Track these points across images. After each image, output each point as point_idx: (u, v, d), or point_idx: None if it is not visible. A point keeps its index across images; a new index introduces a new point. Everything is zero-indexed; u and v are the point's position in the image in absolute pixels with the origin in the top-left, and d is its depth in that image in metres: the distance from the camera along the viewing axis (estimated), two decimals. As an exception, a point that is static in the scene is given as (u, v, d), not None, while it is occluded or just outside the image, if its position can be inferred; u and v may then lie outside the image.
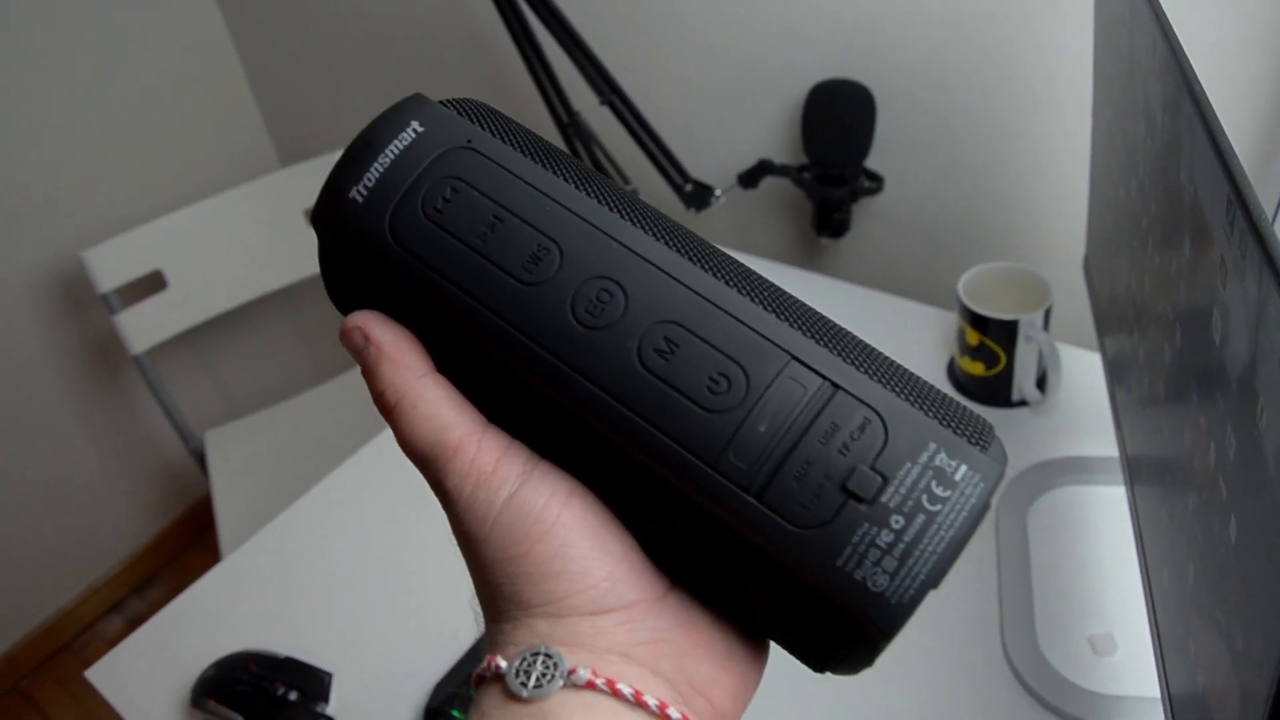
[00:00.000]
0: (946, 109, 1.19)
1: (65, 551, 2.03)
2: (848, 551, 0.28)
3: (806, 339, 0.30)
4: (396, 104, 0.34)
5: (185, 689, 0.88)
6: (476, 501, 0.30)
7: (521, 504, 0.30)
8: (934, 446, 0.29)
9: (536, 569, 0.30)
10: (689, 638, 0.31)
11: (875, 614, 0.28)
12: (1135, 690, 0.76)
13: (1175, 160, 0.55)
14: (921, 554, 0.28)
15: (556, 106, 1.26)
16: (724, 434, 0.29)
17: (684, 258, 0.31)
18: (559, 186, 0.32)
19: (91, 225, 1.81)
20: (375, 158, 0.33)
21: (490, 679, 0.30)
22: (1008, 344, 0.98)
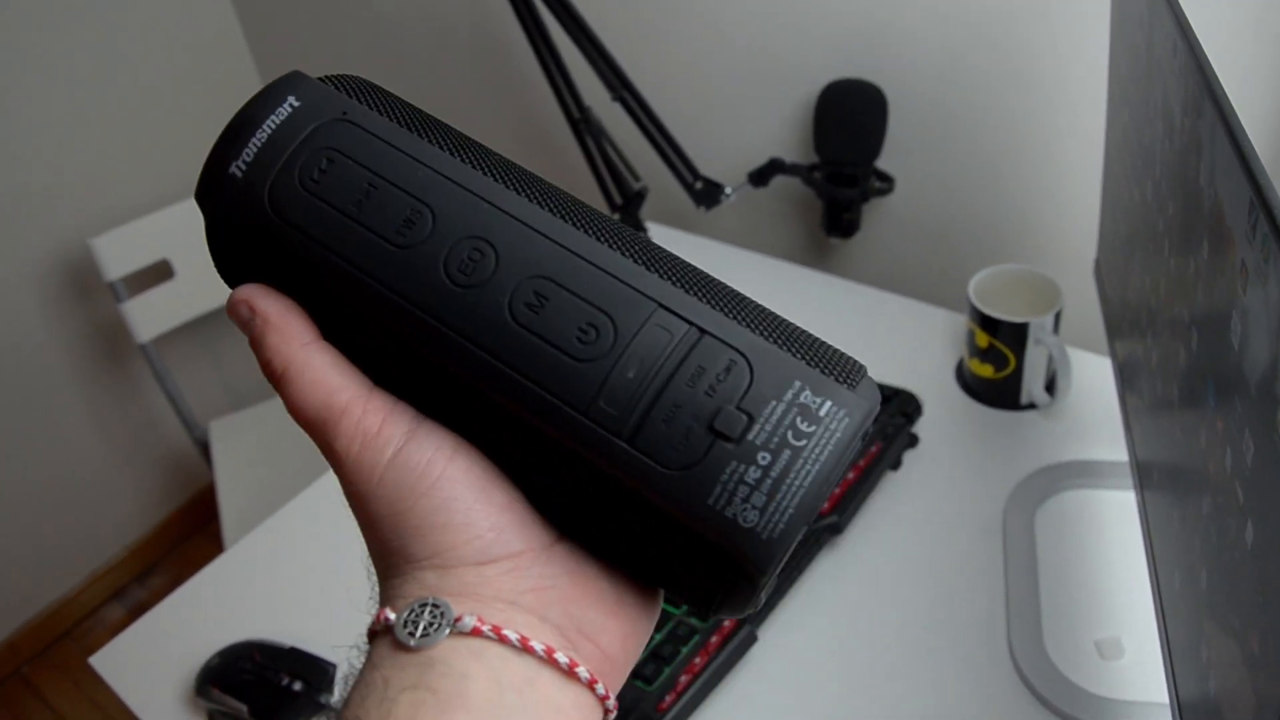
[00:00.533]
0: (958, 110, 1.19)
1: (68, 539, 2.04)
2: (717, 490, 0.28)
3: (675, 288, 0.31)
4: (274, 81, 0.35)
5: (189, 678, 0.88)
6: (363, 461, 0.31)
7: (406, 460, 0.31)
8: (799, 385, 0.29)
9: (423, 522, 0.31)
10: (576, 585, 0.32)
11: (749, 549, 0.28)
12: (1143, 695, 0.76)
13: (1195, 163, 0.55)
14: (789, 489, 0.28)
15: (568, 101, 1.26)
16: (594, 382, 0.29)
17: (556, 216, 0.32)
18: (433, 153, 0.33)
19: (100, 213, 1.81)
20: (253, 133, 0.33)
21: (381, 631, 0.30)
22: (1017, 347, 0.98)
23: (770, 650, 0.83)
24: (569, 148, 1.51)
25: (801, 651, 0.83)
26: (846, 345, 0.32)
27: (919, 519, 0.92)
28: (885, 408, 0.97)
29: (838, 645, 0.84)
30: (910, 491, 0.95)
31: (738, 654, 0.80)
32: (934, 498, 0.94)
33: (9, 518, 1.92)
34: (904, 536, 0.91)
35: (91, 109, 1.81)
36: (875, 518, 0.93)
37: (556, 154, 1.62)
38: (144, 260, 1.66)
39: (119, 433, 2.05)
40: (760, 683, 0.81)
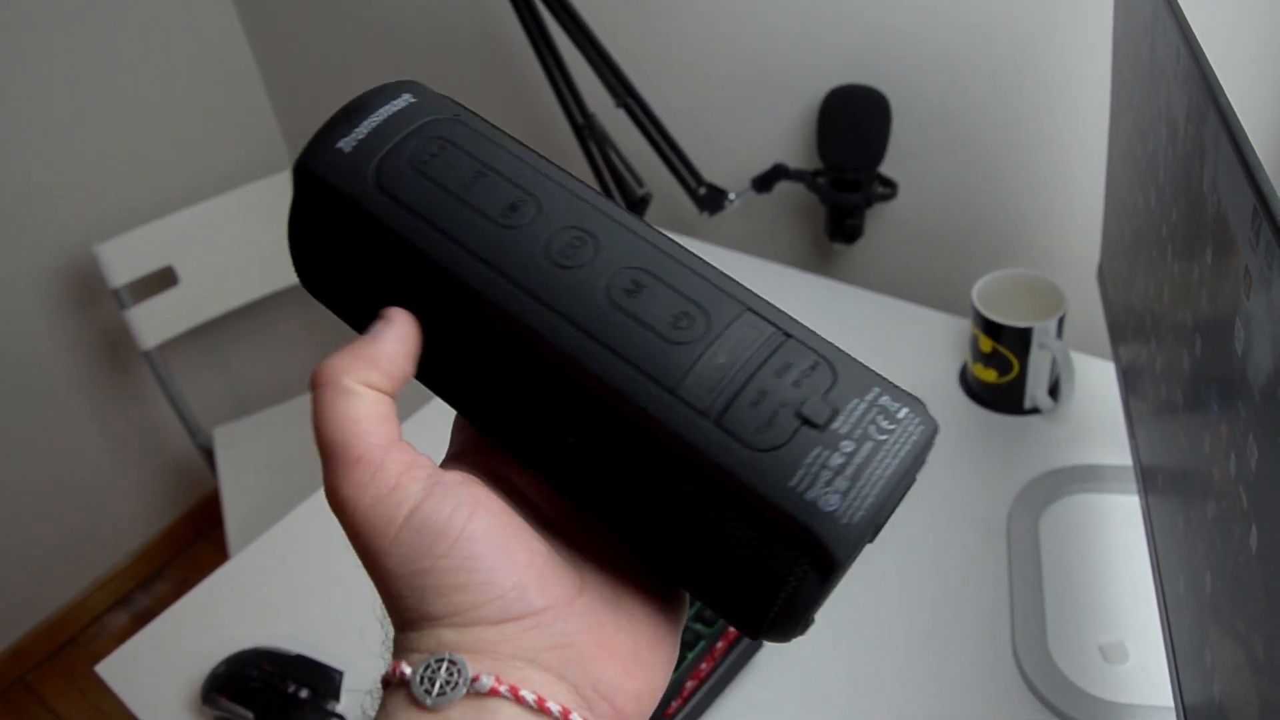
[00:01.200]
0: (962, 115, 1.19)
1: (72, 545, 2.04)
2: (801, 473, 0.28)
3: (758, 299, 0.33)
4: (391, 81, 0.36)
5: (196, 685, 0.88)
6: (374, 516, 0.30)
7: (424, 518, 0.30)
8: (877, 390, 0.31)
9: (442, 582, 0.30)
10: (596, 642, 0.31)
11: (827, 533, 0.28)
12: (1147, 699, 0.76)
13: (1198, 169, 0.55)
14: (870, 478, 0.29)
15: (572, 108, 1.27)
16: (684, 362, 0.30)
17: (644, 224, 0.34)
18: (536, 158, 0.35)
19: (104, 220, 1.82)
20: (366, 117, 0.35)
21: (395, 684, 0.30)
22: (1021, 351, 0.98)
23: (775, 655, 0.83)
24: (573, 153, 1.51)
25: (807, 657, 0.84)
26: (850, 350, 0.33)
27: (923, 524, 0.93)
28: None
29: (843, 650, 0.84)
30: (914, 496, 0.94)
31: (743, 659, 0.80)
32: (938, 502, 0.94)
33: (14, 524, 1.92)
34: (908, 541, 0.91)
35: (95, 115, 1.82)
36: (880, 523, 0.93)
37: (560, 159, 1.61)
38: (148, 267, 1.66)
39: (123, 439, 2.05)
40: (766, 688, 0.82)
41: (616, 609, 0.33)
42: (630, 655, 0.32)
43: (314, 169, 0.34)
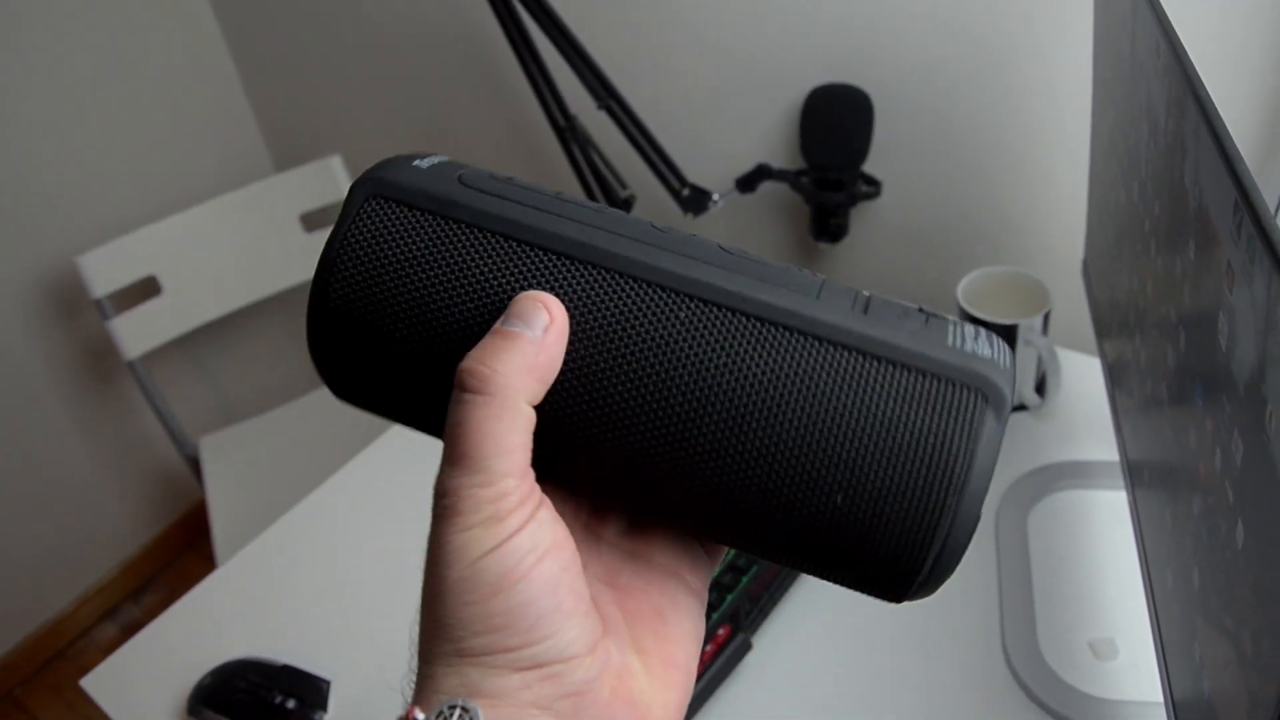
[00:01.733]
0: (944, 113, 1.19)
1: (59, 558, 2.02)
2: (950, 336, 0.31)
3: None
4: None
5: (182, 697, 0.87)
6: (471, 538, 0.30)
7: (502, 556, 0.30)
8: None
9: (487, 624, 0.30)
10: (613, 689, 0.31)
11: (994, 375, 0.30)
12: (1137, 695, 0.76)
13: (1179, 163, 0.55)
14: (998, 344, 0.32)
15: (553, 110, 1.26)
16: (812, 288, 0.32)
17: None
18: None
19: (85, 230, 1.81)
20: (416, 159, 0.36)
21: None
22: (1007, 348, 0.98)
23: (765, 657, 0.83)
24: (555, 156, 1.51)
25: (796, 658, 0.83)
26: None
27: (912, 523, 0.92)
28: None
29: (831, 650, 0.83)
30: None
31: (732, 662, 0.80)
32: (926, 501, 0.94)
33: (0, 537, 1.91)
34: (897, 541, 0.91)
35: (74, 125, 1.81)
36: (868, 522, 0.92)
37: (543, 162, 1.62)
38: (130, 277, 1.65)
39: (109, 450, 2.04)
40: (756, 690, 0.81)
41: (631, 649, 0.33)
42: (645, 700, 0.32)
43: (386, 177, 0.34)
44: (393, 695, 0.36)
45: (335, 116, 1.91)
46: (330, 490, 1.07)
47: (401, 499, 1.02)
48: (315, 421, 1.79)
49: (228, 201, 1.72)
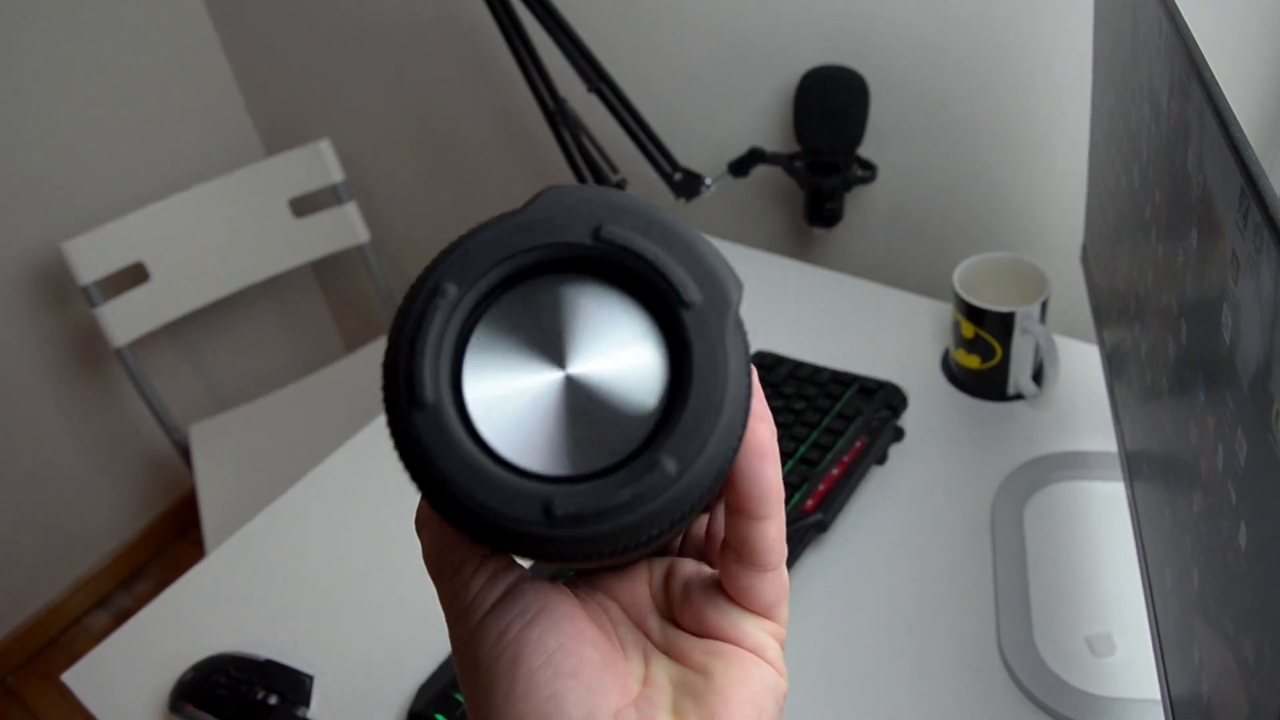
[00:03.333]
0: (941, 96, 1.17)
1: (51, 547, 2.01)
2: None
3: None
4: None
5: (164, 692, 0.86)
6: (458, 622, 0.32)
7: (488, 627, 0.31)
8: None
9: (488, 690, 0.31)
10: None
11: None
12: (1134, 692, 0.74)
13: (1182, 148, 0.53)
14: None
15: (543, 94, 1.24)
16: None
17: None
18: None
19: (71, 216, 1.78)
20: None
21: None
22: (1004, 336, 0.96)
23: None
24: (545, 140, 1.49)
25: (788, 649, 0.82)
26: (831, 337, 0.32)
27: (906, 514, 0.91)
28: (870, 400, 0.95)
29: (824, 642, 0.82)
30: (897, 486, 0.93)
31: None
32: (921, 492, 0.93)
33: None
34: (891, 532, 0.89)
35: (61, 111, 1.78)
36: (861, 514, 0.91)
37: (533, 147, 1.60)
38: (118, 263, 1.63)
39: (99, 438, 2.02)
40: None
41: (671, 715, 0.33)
42: None
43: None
44: (375, 692, 0.36)
45: (324, 100, 1.88)
46: (317, 480, 1.06)
47: (389, 490, 1.00)
48: (306, 409, 1.77)
49: (216, 187, 1.70)
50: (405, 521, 0.97)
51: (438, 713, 0.77)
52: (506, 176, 1.70)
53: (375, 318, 2.15)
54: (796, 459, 0.90)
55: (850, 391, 0.96)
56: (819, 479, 0.87)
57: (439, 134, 1.74)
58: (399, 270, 2.05)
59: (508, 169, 1.69)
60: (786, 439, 0.91)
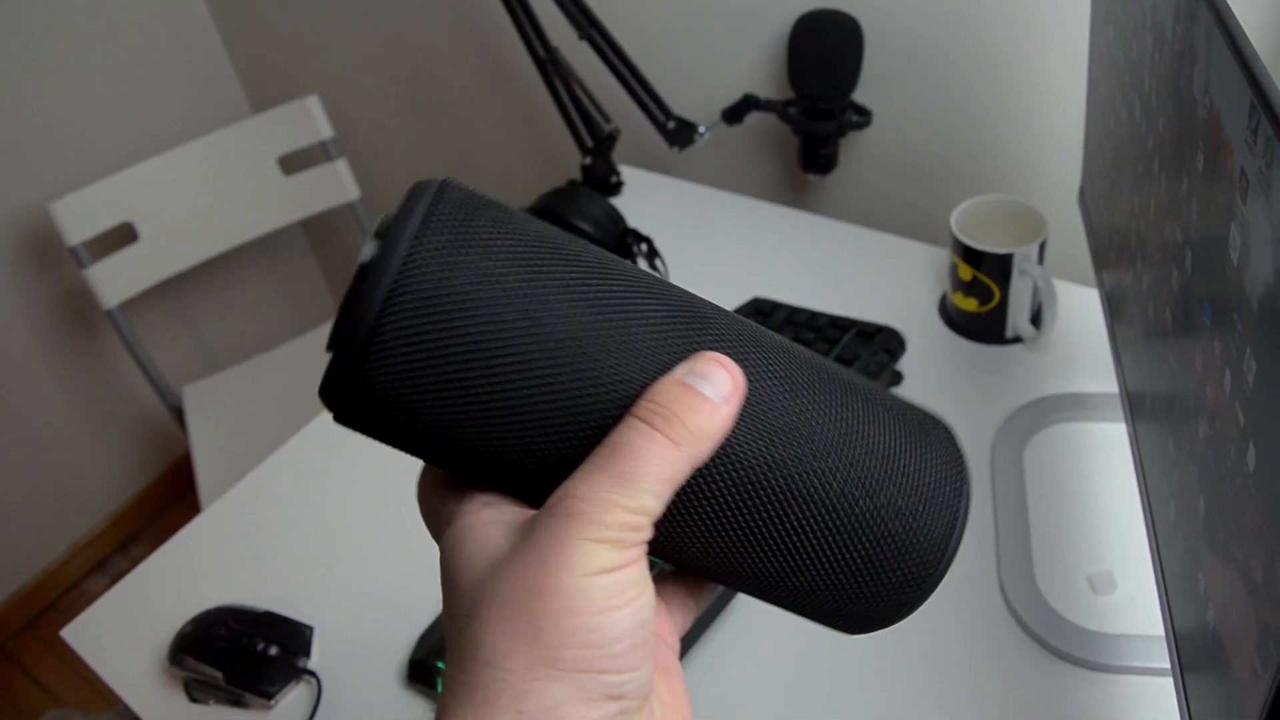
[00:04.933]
0: (936, 39, 1.15)
1: (47, 511, 2.01)
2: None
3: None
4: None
5: (163, 646, 0.86)
6: (596, 550, 0.30)
7: (618, 579, 0.30)
8: None
9: (589, 635, 0.29)
10: None
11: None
12: (1136, 629, 0.75)
13: (1188, 72, 0.52)
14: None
15: (534, 42, 1.22)
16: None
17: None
18: None
19: (59, 176, 1.76)
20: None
21: None
22: (1002, 279, 0.95)
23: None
24: (537, 91, 1.47)
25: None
26: (828, 283, 0.31)
27: (905, 458, 0.90)
28: (868, 344, 0.94)
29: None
30: (896, 431, 0.93)
31: (724, 600, 0.79)
32: (920, 436, 0.92)
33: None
34: (890, 476, 0.89)
35: (45, 70, 1.76)
36: (861, 458, 0.91)
37: (525, 98, 1.58)
38: (106, 223, 1.61)
39: (91, 401, 2.01)
40: (746, 628, 0.80)
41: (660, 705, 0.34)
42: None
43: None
44: (376, 642, 0.35)
45: (310, 55, 1.86)
46: (313, 435, 1.05)
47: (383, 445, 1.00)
48: (299, 368, 1.77)
49: (203, 145, 1.67)
50: (401, 473, 0.96)
51: (439, 660, 0.77)
52: (498, 129, 1.68)
53: (367, 277, 2.14)
54: (795, 404, 0.89)
55: (848, 335, 0.95)
56: (818, 423, 0.87)
57: (429, 87, 1.72)
58: (390, 228, 2.03)
59: (499, 121, 1.67)
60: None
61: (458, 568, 0.31)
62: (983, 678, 0.74)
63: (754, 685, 0.77)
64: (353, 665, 0.83)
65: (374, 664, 0.82)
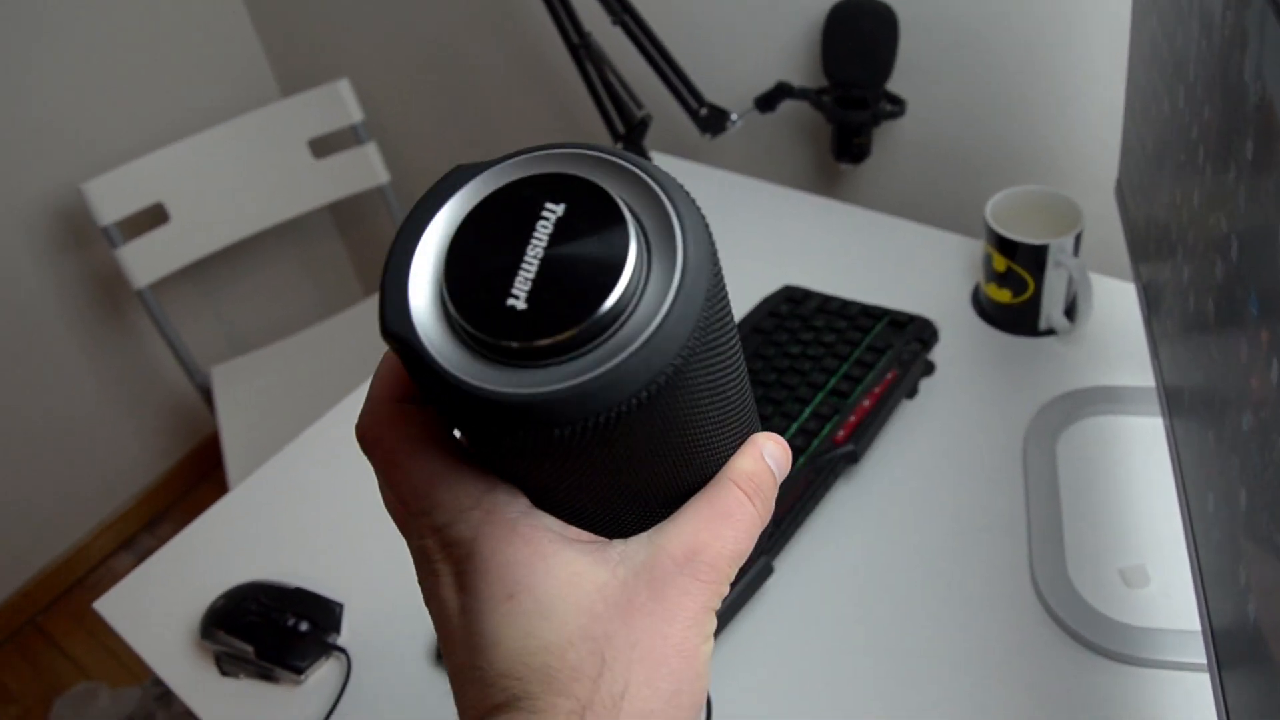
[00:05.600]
0: (972, 27, 1.14)
1: (76, 489, 2.03)
2: None
3: None
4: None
5: (195, 620, 0.86)
6: (711, 620, 0.32)
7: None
8: None
9: (697, 697, 0.31)
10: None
11: None
12: (1170, 623, 0.74)
13: (1238, 58, 0.51)
14: None
15: (567, 27, 1.22)
16: None
17: None
18: None
19: (91, 157, 1.78)
20: None
21: None
22: (1036, 270, 0.95)
23: (786, 582, 0.81)
24: (570, 76, 1.47)
25: (818, 583, 0.82)
26: (860, 272, 0.31)
27: (937, 447, 0.90)
28: (900, 334, 0.94)
29: (855, 576, 0.82)
30: (927, 420, 0.92)
31: (753, 586, 0.78)
32: (952, 426, 0.92)
33: (15, 468, 1.91)
34: (922, 465, 0.89)
35: (80, 52, 1.77)
36: (892, 446, 0.90)
37: (557, 83, 1.58)
38: (138, 204, 1.62)
39: (121, 381, 2.03)
40: (777, 615, 0.80)
41: None
42: None
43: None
44: (404, 619, 0.35)
45: (341, 38, 1.86)
46: (342, 415, 1.06)
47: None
48: (326, 350, 1.78)
49: (234, 127, 1.68)
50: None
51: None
52: (529, 114, 1.68)
53: (394, 262, 2.14)
54: (827, 390, 0.89)
55: (880, 325, 0.95)
56: (850, 410, 0.87)
57: (460, 72, 1.72)
58: (418, 213, 2.04)
59: (531, 106, 1.67)
60: (817, 371, 0.91)
61: (539, 586, 0.29)
62: (1014, 669, 0.74)
63: (782, 674, 0.77)
64: (382, 642, 0.83)
65: (403, 641, 0.82)
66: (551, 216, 0.27)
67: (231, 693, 0.83)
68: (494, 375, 0.26)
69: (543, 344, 0.26)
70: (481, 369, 0.26)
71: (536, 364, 0.26)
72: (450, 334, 0.27)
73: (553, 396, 0.26)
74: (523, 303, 0.26)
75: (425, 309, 0.28)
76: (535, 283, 0.26)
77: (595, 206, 0.27)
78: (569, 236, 0.27)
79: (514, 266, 0.27)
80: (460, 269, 0.27)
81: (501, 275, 0.27)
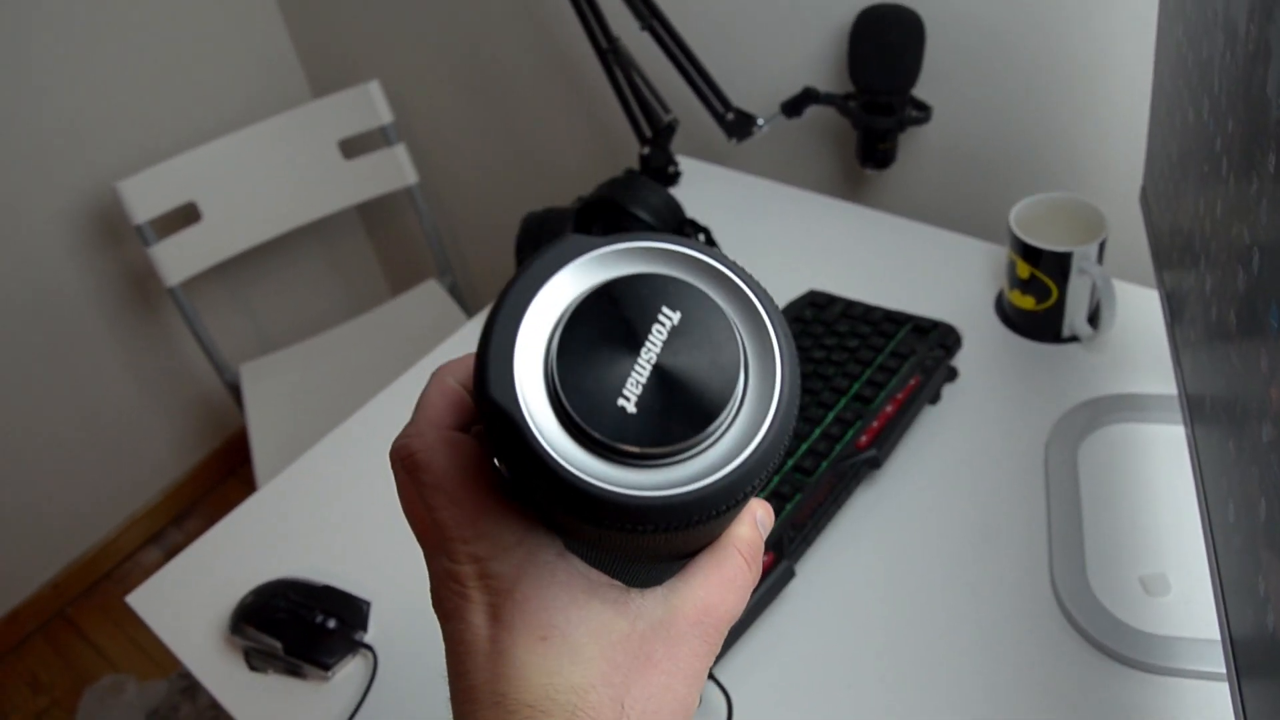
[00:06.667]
0: (998, 35, 1.14)
1: (106, 483, 2.06)
2: None
3: None
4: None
5: (224, 615, 0.88)
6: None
7: None
8: None
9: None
10: None
11: None
12: (1190, 631, 0.74)
13: (1261, 72, 0.52)
14: None
15: (596, 32, 1.23)
16: None
17: None
18: None
19: (125, 156, 1.80)
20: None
21: None
22: (1060, 277, 0.95)
23: (808, 586, 0.82)
24: (598, 80, 1.48)
25: (839, 587, 0.82)
26: (884, 278, 0.32)
27: (959, 453, 0.91)
28: (924, 340, 0.94)
29: (876, 581, 0.82)
30: (950, 425, 0.93)
31: (775, 590, 0.79)
32: (974, 432, 0.92)
33: (46, 463, 1.94)
34: (944, 471, 0.89)
35: (114, 52, 1.80)
36: (914, 452, 0.91)
37: (585, 87, 1.59)
38: (171, 203, 1.65)
39: (151, 377, 2.06)
40: (798, 618, 0.80)
41: None
42: None
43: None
44: (431, 617, 0.36)
45: (372, 40, 1.88)
46: (370, 414, 1.07)
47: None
48: (354, 349, 1.79)
49: (266, 128, 1.70)
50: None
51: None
52: (557, 118, 1.70)
53: (421, 261, 2.16)
54: (850, 396, 0.89)
55: (904, 330, 0.95)
56: (873, 416, 0.87)
57: (489, 75, 1.73)
58: (446, 212, 2.06)
59: (558, 110, 1.68)
60: (840, 376, 0.91)
61: (572, 632, 0.31)
62: (1033, 675, 0.74)
63: (802, 676, 0.77)
64: (408, 640, 0.84)
65: (429, 639, 0.83)
66: (667, 324, 0.29)
67: (260, 688, 0.84)
68: (590, 466, 0.28)
69: (647, 451, 0.28)
70: (579, 457, 0.28)
71: (631, 463, 0.28)
72: (553, 416, 0.28)
73: (646, 503, 0.28)
74: (633, 406, 0.28)
75: (530, 385, 0.28)
76: (646, 388, 0.28)
77: (710, 321, 0.29)
78: (682, 347, 0.29)
79: (628, 368, 0.28)
80: (574, 359, 0.28)
81: (615, 374, 0.28)
